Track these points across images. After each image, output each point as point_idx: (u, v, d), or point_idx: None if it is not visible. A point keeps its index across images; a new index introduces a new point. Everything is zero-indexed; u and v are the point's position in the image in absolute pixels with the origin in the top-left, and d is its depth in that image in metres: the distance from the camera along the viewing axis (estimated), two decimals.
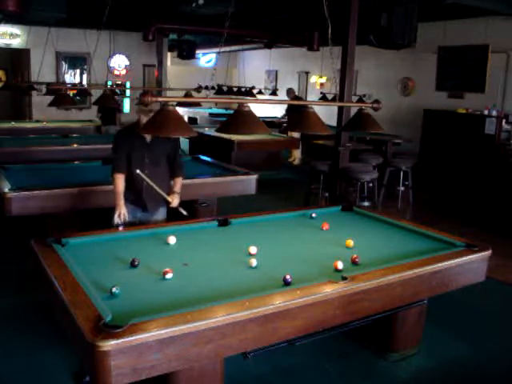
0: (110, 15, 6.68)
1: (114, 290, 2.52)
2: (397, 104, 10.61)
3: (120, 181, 3.91)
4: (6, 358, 3.34)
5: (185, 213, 4.03)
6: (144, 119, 3.77)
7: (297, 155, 11.05)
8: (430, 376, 3.38)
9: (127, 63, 13.93)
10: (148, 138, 3.93)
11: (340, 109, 6.53)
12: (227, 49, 12.86)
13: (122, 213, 3.87)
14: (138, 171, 3.85)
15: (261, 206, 6.70)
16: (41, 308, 3.86)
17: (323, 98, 10.66)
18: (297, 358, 3.43)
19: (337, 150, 6.65)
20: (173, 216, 4.12)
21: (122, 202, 3.89)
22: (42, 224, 4.84)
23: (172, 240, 3.37)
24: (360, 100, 9.57)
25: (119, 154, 3.94)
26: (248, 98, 11.21)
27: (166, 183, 4.10)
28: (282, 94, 13.13)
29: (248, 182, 5.74)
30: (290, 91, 11.31)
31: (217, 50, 12.65)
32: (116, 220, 3.87)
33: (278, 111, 14.02)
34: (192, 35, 12.61)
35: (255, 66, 15.42)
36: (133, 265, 2.93)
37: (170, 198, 4.01)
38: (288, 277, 2.70)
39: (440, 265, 3.14)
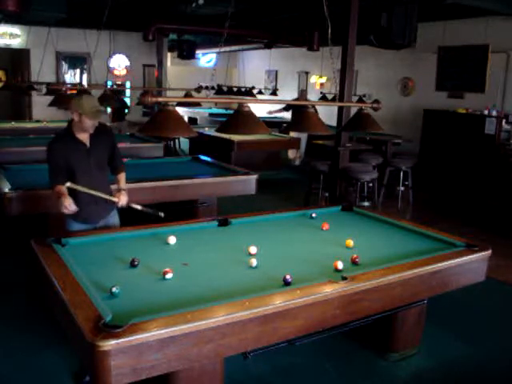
0: (110, 15, 6.69)
1: (113, 289, 2.52)
2: (397, 104, 10.61)
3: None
4: (6, 358, 3.34)
5: (139, 208, 3.68)
6: (86, 121, 3.43)
7: (295, 155, 10.99)
8: (430, 376, 3.39)
9: (127, 63, 13.93)
10: (87, 141, 3.57)
11: (340, 109, 6.54)
12: (227, 49, 12.86)
13: (68, 203, 3.35)
14: (68, 184, 3.40)
15: (261, 206, 6.70)
16: (41, 308, 3.87)
17: (323, 98, 10.66)
18: (297, 358, 3.43)
19: (337, 150, 6.66)
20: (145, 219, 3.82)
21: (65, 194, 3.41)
22: (41, 224, 4.83)
23: (172, 240, 3.37)
24: (360, 100, 9.57)
25: (58, 166, 3.47)
26: (248, 98, 11.21)
27: (108, 184, 3.81)
28: (282, 94, 13.14)
29: (248, 182, 5.74)
30: (302, 93, 11.08)
31: (217, 50, 12.65)
32: (69, 208, 3.37)
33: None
34: (192, 35, 12.61)
35: (255, 66, 15.42)
36: (133, 265, 2.93)
37: (115, 198, 3.67)
38: (288, 277, 2.70)
39: (440, 265, 3.14)
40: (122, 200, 3.68)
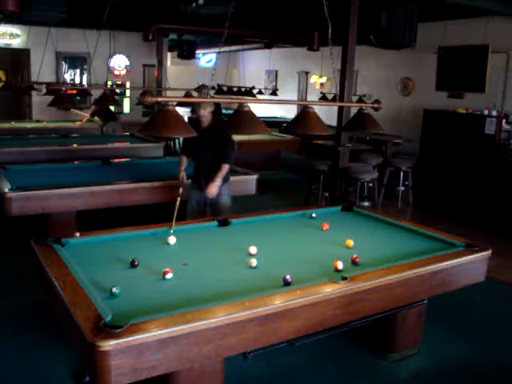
0: (110, 15, 6.67)
1: (114, 290, 2.52)
2: (397, 104, 10.61)
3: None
4: (6, 358, 3.34)
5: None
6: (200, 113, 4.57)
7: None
8: (430, 376, 3.38)
9: (127, 63, 13.92)
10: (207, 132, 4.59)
11: (340, 109, 6.54)
12: (227, 49, 12.85)
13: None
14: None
15: (261, 205, 6.69)
16: (41, 308, 3.86)
17: (323, 98, 10.65)
18: (297, 358, 3.43)
19: (337, 150, 6.65)
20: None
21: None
22: (41, 224, 4.83)
23: (172, 240, 3.37)
24: (360, 100, 9.57)
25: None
26: (248, 97, 11.19)
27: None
28: (282, 94, 13.13)
29: (248, 182, 5.74)
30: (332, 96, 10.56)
31: (217, 49, 12.63)
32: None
33: (278, 111, 14.02)
34: (192, 35, 12.60)
35: (255, 66, 15.41)
36: (133, 265, 2.93)
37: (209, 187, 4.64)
38: (288, 277, 2.70)
39: (440, 265, 3.14)
40: (208, 190, 4.61)
